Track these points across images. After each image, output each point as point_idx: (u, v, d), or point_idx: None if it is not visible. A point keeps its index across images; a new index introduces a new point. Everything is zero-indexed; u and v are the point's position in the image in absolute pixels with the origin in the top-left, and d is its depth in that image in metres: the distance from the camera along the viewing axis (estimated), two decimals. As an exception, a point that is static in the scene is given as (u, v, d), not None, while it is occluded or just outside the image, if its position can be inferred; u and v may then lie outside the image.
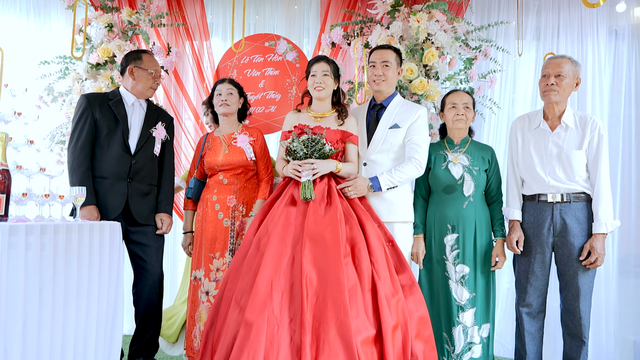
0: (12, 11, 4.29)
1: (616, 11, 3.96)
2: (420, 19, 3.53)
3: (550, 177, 2.93)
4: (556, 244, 2.93)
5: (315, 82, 3.00)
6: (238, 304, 2.60)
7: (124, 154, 3.10)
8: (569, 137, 2.93)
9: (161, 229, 3.21)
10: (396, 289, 2.64)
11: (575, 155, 2.90)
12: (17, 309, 2.04)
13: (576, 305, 2.88)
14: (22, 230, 2.07)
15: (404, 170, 2.95)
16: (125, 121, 3.14)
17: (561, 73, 2.90)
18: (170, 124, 3.35)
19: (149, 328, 3.22)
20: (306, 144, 2.89)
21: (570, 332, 2.94)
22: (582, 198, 2.91)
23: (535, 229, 2.97)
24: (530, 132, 3.03)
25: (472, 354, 2.94)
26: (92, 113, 3.09)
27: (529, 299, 2.98)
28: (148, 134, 3.19)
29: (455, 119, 3.06)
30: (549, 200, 2.93)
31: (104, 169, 3.07)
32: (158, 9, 3.92)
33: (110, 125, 3.11)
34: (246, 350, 2.39)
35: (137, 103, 3.24)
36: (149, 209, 3.19)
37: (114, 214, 3.05)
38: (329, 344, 2.39)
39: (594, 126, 2.91)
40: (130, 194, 3.10)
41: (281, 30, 4.22)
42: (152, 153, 3.18)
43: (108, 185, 3.07)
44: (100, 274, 2.48)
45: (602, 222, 2.83)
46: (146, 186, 3.18)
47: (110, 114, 3.12)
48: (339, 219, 2.71)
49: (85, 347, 2.38)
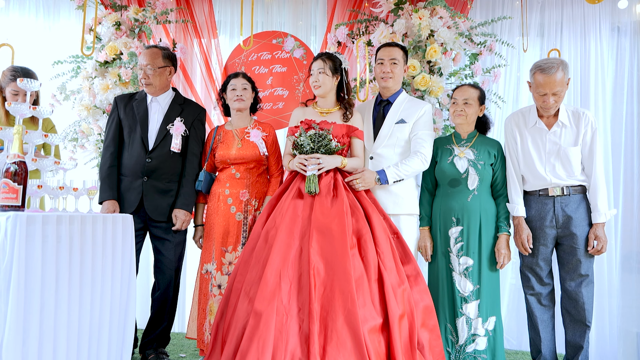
0: (23, 10, 4.34)
1: (618, 8, 3.99)
2: (422, 15, 3.58)
3: (550, 174, 3.00)
4: (559, 235, 3.00)
5: (312, 80, 3.07)
6: (247, 294, 2.65)
7: (141, 152, 3.20)
8: (566, 135, 3.00)
9: (176, 225, 3.23)
10: (402, 279, 2.70)
11: (572, 152, 2.98)
12: (35, 298, 2.10)
13: (579, 291, 2.96)
14: (39, 220, 2.13)
15: (410, 164, 3.01)
16: (144, 119, 3.22)
17: (556, 91, 2.92)
18: (197, 117, 3.33)
19: (162, 321, 3.29)
20: (313, 139, 2.94)
21: (573, 319, 3.00)
22: (579, 190, 3.01)
23: (537, 222, 3.03)
24: (527, 130, 3.07)
25: (476, 345, 2.97)
26: (118, 113, 3.27)
27: (536, 287, 3.06)
28: (166, 130, 3.23)
29: (454, 114, 3.12)
30: (549, 194, 3.01)
31: (125, 166, 3.22)
32: (164, 5, 3.96)
33: (131, 123, 3.23)
34: (256, 339, 2.44)
35: (155, 100, 3.30)
36: (166, 206, 3.23)
37: (129, 211, 3.14)
38: (337, 332, 2.45)
39: (586, 121, 2.99)
40: (145, 191, 3.18)
41: (288, 28, 4.27)
42: (170, 150, 3.20)
43: (127, 182, 3.21)
44: (114, 265, 2.53)
45: (602, 212, 2.95)
46: (165, 183, 3.23)
47: (132, 113, 3.25)
48: (345, 211, 2.76)
49: (99, 335, 2.44)
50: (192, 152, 3.30)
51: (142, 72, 3.25)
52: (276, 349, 2.43)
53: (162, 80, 3.29)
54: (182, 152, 3.25)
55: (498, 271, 3.09)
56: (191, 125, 3.29)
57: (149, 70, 3.24)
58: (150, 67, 3.24)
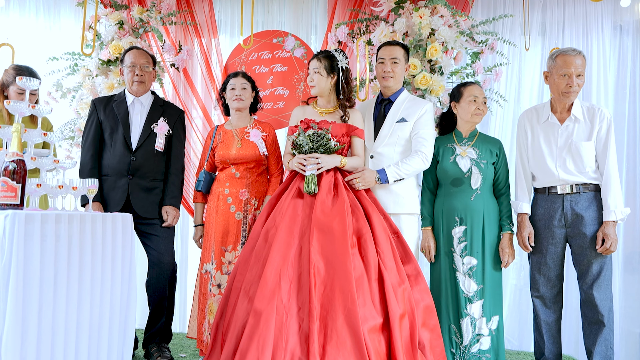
0: (23, 10, 4.35)
1: (621, 6, 3.98)
2: (423, 14, 3.57)
3: (560, 169, 2.95)
4: (569, 235, 2.95)
5: (308, 80, 3.07)
6: (247, 294, 2.64)
7: (125, 152, 3.23)
8: (578, 129, 2.95)
9: (167, 221, 3.27)
10: (402, 279, 2.68)
11: (584, 147, 2.92)
12: (33, 296, 2.09)
13: (591, 294, 2.89)
14: (37, 219, 2.12)
15: (411, 163, 3.00)
16: (125, 120, 3.26)
17: (581, 73, 2.91)
18: (178, 118, 3.40)
19: (160, 316, 3.29)
20: (312, 139, 2.93)
21: (589, 322, 2.93)
22: (591, 188, 2.93)
23: (546, 221, 2.99)
24: (540, 126, 3.04)
25: (480, 345, 2.96)
26: (97, 115, 3.28)
27: (542, 289, 3.01)
28: (149, 130, 3.28)
29: (475, 112, 3.07)
30: (559, 192, 2.95)
31: (108, 166, 3.24)
32: (169, 7, 3.97)
33: (112, 124, 3.26)
34: (256, 338, 2.44)
35: (137, 101, 3.34)
36: (152, 204, 3.27)
37: (115, 209, 3.17)
38: (337, 331, 2.44)
39: (602, 117, 2.93)
40: (131, 189, 3.21)
41: (289, 27, 4.26)
42: (154, 149, 3.24)
43: (111, 182, 3.23)
44: (113, 264, 2.52)
45: (612, 210, 2.85)
46: (149, 182, 3.27)
47: (113, 114, 3.28)
48: (345, 210, 2.75)
49: (99, 334, 2.42)
50: (177, 151, 3.37)
51: (135, 70, 3.29)
52: (276, 347, 2.42)
53: (151, 81, 3.40)
54: (164, 151, 3.30)
55: (501, 270, 3.08)
56: (173, 126, 3.35)
57: (146, 68, 3.32)
58: (147, 66, 3.33)
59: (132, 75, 3.30)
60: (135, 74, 3.29)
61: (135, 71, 3.29)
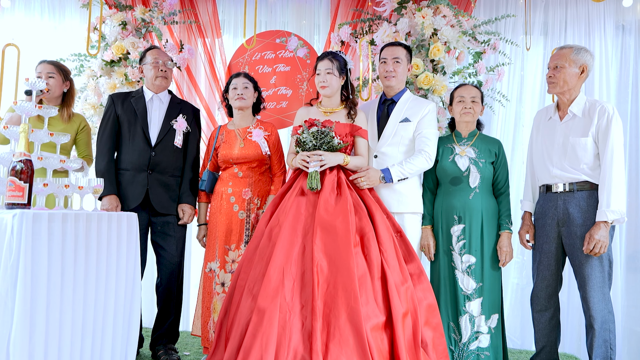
0: (28, 10, 4.39)
1: (623, 6, 3.99)
2: (425, 14, 3.59)
3: (555, 166, 2.92)
4: (562, 234, 2.90)
5: (319, 80, 3.07)
6: (251, 292, 2.67)
7: (145, 147, 3.25)
8: (575, 125, 2.90)
9: (182, 219, 3.31)
10: (405, 278, 2.70)
11: (579, 143, 2.85)
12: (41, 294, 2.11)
13: (582, 295, 2.85)
14: (45, 218, 2.15)
15: (414, 162, 3.02)
16: (144, 115, 3.29)
17: (558, 64, 2.91)
18: (194, 116, 3.46)
19: (168, 315, 3.33)
20: (315, 136, 2.96)
21: (585, 322, 2.88)
22: (587, 187, 2.84)
23: (541, 220, 3.00)
24: (545, 124, 3.05)
25: (479, 343, 2.98)
26: (115, 109, 3.31)
27: (536, 288, 3.02)
28: (169, 126, 3.32)
29: (462, 112, 3.12)
30: (553, 190, 2.93)
31: (127, 161, 3.25)
32: (171, 7, 4.00)
33: (131, 119, 3.29)
34: (259, 335, 2.46)
35: (157, 97, 3.38)
36: (170, 199, 3.30)
37: (134, 204, 3.19)
38: (340, 329, 2.46)
39: (602, 112, 2.83)
40: (150, 184, 3.23)
41: (292, 27, 4.28)
42: (173, 145, 3.29)
43: (129, 176, 3.24)
44: (118, 263, 2.55)
45: (603, 210, 2.73)
46: (168, 177, 3.30)
47: (131, 109, 3.31)
48: (349, 209, 2.77)
49: (103, 332, 2.45)
50: (192, 150, 3.41)
51: (159, 65, 3.35)
52: (279, 345, 2.44)
53: (171, 78, 3.46)
54: (182, 148, 3.35)
55: (500, 269, 3.09)
56: (190, 124, 3.40)
57: (170, 65, 3.42)
58: (170, 63, 3.43)
59: (156, 70, 3.35)
60: (160, 69, 3.35)
61: (159, 67, 3.35)
